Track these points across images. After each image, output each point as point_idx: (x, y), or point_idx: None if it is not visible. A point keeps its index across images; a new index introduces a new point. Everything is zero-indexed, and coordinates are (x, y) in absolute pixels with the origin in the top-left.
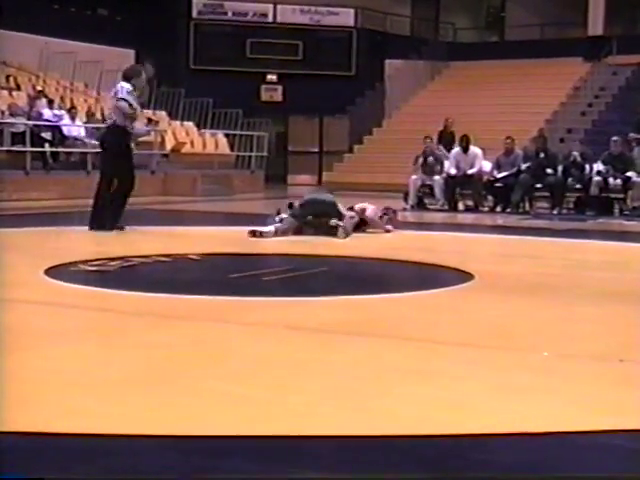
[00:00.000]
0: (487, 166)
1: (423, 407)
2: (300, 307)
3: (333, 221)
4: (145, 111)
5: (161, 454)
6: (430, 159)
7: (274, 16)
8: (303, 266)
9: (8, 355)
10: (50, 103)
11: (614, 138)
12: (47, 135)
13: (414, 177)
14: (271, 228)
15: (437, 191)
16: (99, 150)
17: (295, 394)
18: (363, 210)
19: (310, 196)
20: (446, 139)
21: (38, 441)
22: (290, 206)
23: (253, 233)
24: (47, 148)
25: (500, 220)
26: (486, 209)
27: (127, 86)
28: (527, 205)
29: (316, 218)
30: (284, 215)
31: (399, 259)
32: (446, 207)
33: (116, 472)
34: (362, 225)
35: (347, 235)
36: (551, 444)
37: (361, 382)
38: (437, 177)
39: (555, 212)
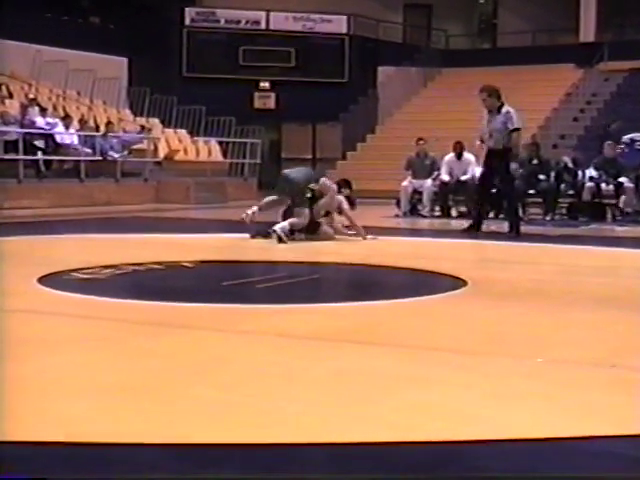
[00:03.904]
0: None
1: (417, 414)
2: (293, 314)
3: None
4: (138, 119)
5: (153, 462)
6: (422, 162)
7: (267, 23)
8: (296, 273)
9: (2, 364)
10: (43, 111)
11: (608, 142)
12: (40, 143)
13: (404, 183)
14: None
15: (425, 197)
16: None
17: (287, 402)
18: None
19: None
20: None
21: (32, 450)
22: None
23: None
24: (40, 156)
25: (493, 226)
26: None
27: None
28: (520, 211)
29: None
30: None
31: (392, 266)
32: (435, 214)
33: None
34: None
35: (284, 238)
36: (545, 450)
37: (354, 389)
38: (428, 183)
39: (548, 218)
